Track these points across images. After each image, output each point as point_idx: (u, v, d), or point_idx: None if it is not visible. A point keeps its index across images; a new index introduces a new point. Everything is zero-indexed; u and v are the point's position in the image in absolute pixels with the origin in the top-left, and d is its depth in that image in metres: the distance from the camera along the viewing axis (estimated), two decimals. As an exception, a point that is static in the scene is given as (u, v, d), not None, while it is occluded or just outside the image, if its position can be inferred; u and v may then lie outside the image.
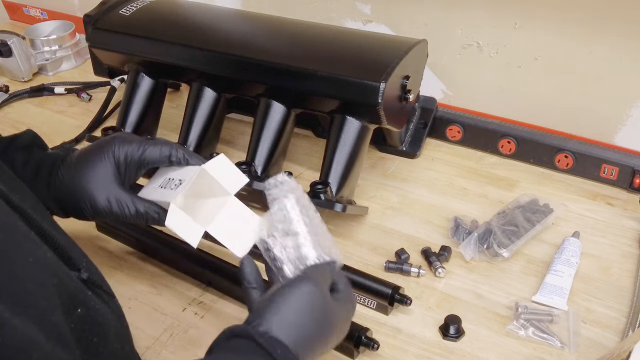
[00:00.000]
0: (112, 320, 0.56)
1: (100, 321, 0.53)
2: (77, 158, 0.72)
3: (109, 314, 0.56)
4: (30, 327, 0.42)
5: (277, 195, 0.65)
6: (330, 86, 0.93)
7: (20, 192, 0.61)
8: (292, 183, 0.66)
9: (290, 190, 0.65)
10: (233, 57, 1.00)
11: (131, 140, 0.72)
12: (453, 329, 0.78)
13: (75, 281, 0.53)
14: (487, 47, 1.11)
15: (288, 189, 0.65)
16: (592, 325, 0.80)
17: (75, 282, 0.53)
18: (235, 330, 0.56)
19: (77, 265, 0.56)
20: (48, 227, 0.55)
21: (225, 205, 0.69)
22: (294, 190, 0.65)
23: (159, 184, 0.73)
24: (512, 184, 1.05)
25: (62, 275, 0.50)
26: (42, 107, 1.36)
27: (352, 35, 1.08)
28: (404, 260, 0.89)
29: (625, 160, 1.00)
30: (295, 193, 0.65)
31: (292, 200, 0.64)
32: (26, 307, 0.43)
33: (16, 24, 1.74)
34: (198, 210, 0.69)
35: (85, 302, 0.52)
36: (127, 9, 1.12)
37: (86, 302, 0.52)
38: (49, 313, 0.46)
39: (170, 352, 0.78)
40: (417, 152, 1.13)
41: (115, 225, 0.96)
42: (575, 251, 0.88)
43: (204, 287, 0.88)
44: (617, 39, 0.98)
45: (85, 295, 0.53)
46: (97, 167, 0.70)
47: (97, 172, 0.70)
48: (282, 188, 0.65)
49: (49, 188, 0.71)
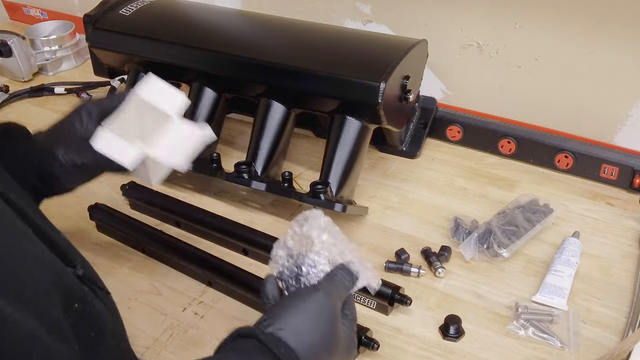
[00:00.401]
0: (107, 317, 0.56)
1: (97, 317, 0.54)
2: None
3: (105, 310, 0.56)
4: (32, 322, 0.43)
5: (308, 232, 0.64)
6: (330, 86, 0.93)
7: (15, 190, 0.61)
8: (320, 217, 0.65)
9: (320, 227, 0.64)
10: (233, 57, 1.00)
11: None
12: (453, 329, 0.78)
13: (72, 277, 0.54)
14: (487, 47, 1.11)
15: (317, 225, 0.64)
16: (592, 325, 0.80)
17: (71, 278, 0.53)
18: (241, 331, 0.57)
19: (73, 262, 0.57)
20: (43, 224, 0.56)
21: (165, 125, 0.72)
22: (324, 226, 0.64)
23: None
24: (512, 184, 1.05)
25: (60, 272, 0.51)
26: (42, 107, 1.36)
27: (352, 35, 1.08)
28: (404, 260, 0.89)
29: (625, 160, 1.00)
30: (326, 227, 0.64)
31: (324, 237, 0.64)
32: (27, 302, 0.44)
33: (16, 24, 1.74)
34: (135, 133, 0.71)
35: (82, 297, 0.52)
36: (127, 9, 1.12)
37: (83, 297, 0.53)
38: (49, 308, 0.46)
39: (170, 352, 0.78)
40: (417, 152, 1.13)
41: (116, 225, 0.96)
42: (575, 251, 0.88)
43: (204, 287, 0.88)
44: (617, 39, 0.98)
45: (82, 291, 0.53)
46: (63, 124, 0.74)
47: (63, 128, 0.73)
48: (311, 224, 0.64)
49: (27, 157, 0.73)
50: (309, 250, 0.63)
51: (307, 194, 0.90)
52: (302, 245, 0.64)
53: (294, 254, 0.64)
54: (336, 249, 0.64)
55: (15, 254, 0.47)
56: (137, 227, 0.96)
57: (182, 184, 1.08)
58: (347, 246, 0.65)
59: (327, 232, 0.64)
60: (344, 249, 0.64)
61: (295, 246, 0.64)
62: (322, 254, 0.63)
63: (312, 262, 0.63)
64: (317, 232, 0.63)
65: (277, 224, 0.99)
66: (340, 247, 0.64)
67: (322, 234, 0.63)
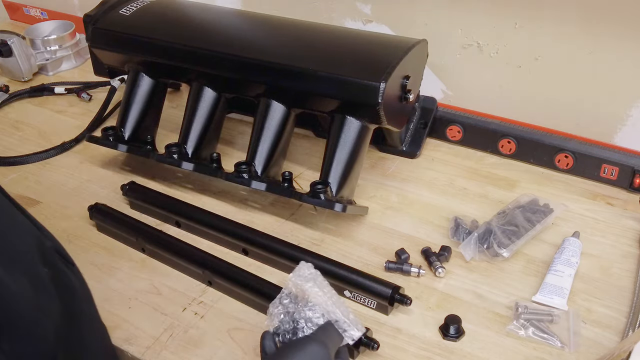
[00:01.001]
0: (76, 283, 0.59)
1: (66, 282, 0.57)
2: None
3: (73, 277, 0.59)
4: (20, 279, 0.47)
5: (302, 286, 0.70)
6: (330, 86, 0.93)
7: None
8: (307, 269, 0.72)
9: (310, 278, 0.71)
10: (233, 57, 1.00)
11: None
12: (453, 329, 0.78)
13: (45, 244, 0.56)
14: (487, 47, 1.11)
15: (308, 275, 0.71)
16: (592, 325, 0.80)
17: (45, 245, 0.56)
18: None
19: (44, 232, 0.59)
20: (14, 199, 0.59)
21: None
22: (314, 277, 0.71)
23: None
24: (512, 184, 1.05)
25: (38, 235, 0.55)
26: (42, 107, 1.36)
27: (352, 35, 1.08)
28: (404, 260, 0.89)
29: (625, 160, 1.00)
30: (315, 280, 0.71)
31: (314, 287, 0.70)
32: (15, 261, 0.47)
33: (16, 23, 1.74)
34: None
35: (53, 263, 0.55)
36: (127, 9, 1.12)
37: (54, 263, 0.56)
38: (34, 265, 0.50)
39: (170, 352, 0.78)
40: (417, 152, 1.13)
41: (116, 225, 0.96)
42: (575, 251, 0.88)
43: (204, 287, 0.88)
44: (617, 39, 0.98)
45: (53, 257, 0.56)
46: None
47: None
48: (303, 275, 0.71)
49: None
50: (304, 305, 0.68)
51: (307, 194, 0.90)
52: (297, 300, 0.69)
53: (289, 311, 0.68)
54: (329, 302, 0.69)
55: (1, 218, 0.51)
56: (137, 227, 0.96)
57: (182, 184, 1.08)
58: (334, 299, 0.70)
59: (317, 285, 0.70)
60: (333, 301, 0.69)
61: (291, 304, 0.69)
62: (316, 309, 0.68)
63: (308, 317, 0.67)
64: (310, 285, 0.69)
65: (277, 224, 0.99)
66: (331, 300, 0.69)
67: (314, 287, 0.69)
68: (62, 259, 0.59)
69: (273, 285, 0.83)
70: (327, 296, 0.69)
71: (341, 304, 0.70)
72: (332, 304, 0.69)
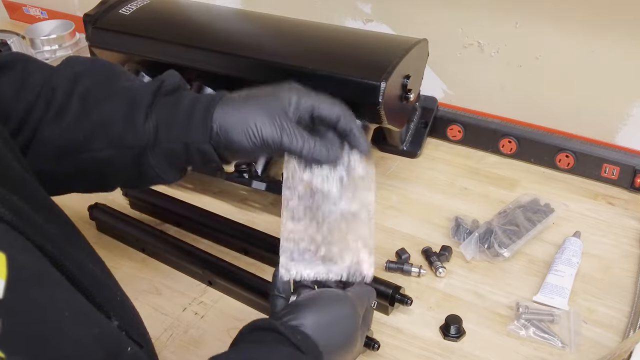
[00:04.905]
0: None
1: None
2: (245, 94, 0.69)
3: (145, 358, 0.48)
4: None
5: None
6: (330, 85, 0.92)
7: (54, 221, 0.54)
8: None
9: None
10: (233, 56, 1.00)
11: (306, 90, 0.70)
12: (454, 328, 0.78)
13: (111, 326, 0.47)
14: (487, 46, 1.10)
15: None
16: (593, 325, 0.80)
17: (113, 329, 0.47)
18: (259, 323, 0.57)
19: (107, 313, 0.49)
20: (78, 272, 0.47)
21: None
22: None
23: None
24: (513, 183, 1.05)
25: (102, 323, 0.44)
26: (42, 107, 1.35)
27: (353, 35, 1.08)
28: (405, 260, 0.88)
29: (626, 160, 1.00)
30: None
31: None
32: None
33: (16, 23, 1.74)
34: None
35: (123, 347, 0.45)
36: (127, 9, 1.12)
37: (124, 347, 0.45)
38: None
39: (170, 352, 0.78)
40: (418, 151, 1.12)
41: (116, 225, 0.96)
42: (576, 251, 0.88)
43: (204, 287, 0.88)
44: (618, 38, 0.98)
45: (125, 341, 0.46)
46: (268, 101, 0.67)
47: (267, 104, 0.66)
48: None
49: (206, 120, 0.65)
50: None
51: (308, 194, 0.90)
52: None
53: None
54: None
55: (50, 313, 0.38)
56: (137, 227, 0.96)
57: (182, 184, 1.08)
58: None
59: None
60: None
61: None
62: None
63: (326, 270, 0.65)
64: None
65: (277, 224, 0.98)
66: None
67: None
68: (130, 337, 0.48)
69: (273, 285, 0.83)
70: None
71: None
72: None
